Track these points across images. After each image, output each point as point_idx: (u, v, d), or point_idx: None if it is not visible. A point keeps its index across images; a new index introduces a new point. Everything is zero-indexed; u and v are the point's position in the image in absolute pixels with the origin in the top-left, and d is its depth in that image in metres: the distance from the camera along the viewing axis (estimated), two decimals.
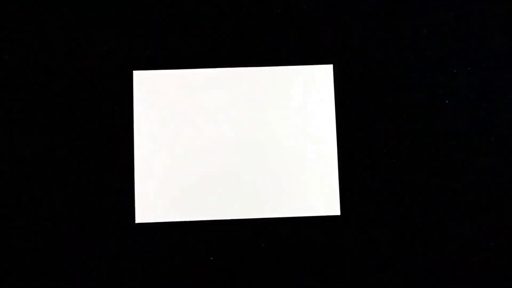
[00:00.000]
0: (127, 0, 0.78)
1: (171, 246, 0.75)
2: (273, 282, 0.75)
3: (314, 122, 0.77)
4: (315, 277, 0.75)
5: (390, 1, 0.79)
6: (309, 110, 0.77)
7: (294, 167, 0.76)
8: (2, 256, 0.75)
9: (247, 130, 0.77)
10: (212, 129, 0.76)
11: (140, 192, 0.76)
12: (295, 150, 0.76)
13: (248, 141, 0.76)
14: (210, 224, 0.76)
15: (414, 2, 0.79)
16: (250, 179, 0.76)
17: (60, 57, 0.77)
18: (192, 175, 0.76)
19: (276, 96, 0.77)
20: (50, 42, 0.77)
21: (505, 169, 0.77)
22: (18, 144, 0.76)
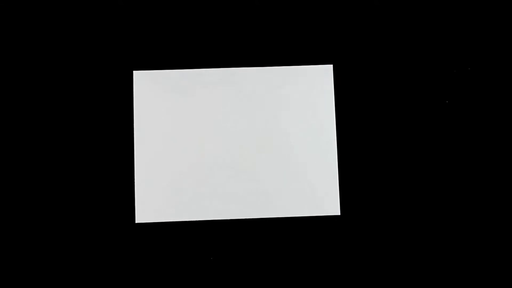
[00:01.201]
0: (127, 0, 0.78)
1: (171, 246, 0.75)
2: (273, 282, 0.75)
3: (314, 122, 0.77)
4: (315, 277, 0.75)
5: (391, 1, 0.79)
6: (309, 110, 0.77)
7: (294, 167, 0.76)
8: (2, 256, 0.75)
9: (247, 130, 0.76)
10: (211, 130, 0.76)
11: (140, 192, 0.76)
12: (295, 150, 0.76)
13: (248, 142, 0.76)
14: (210, 224, 0.76)
15: (414, 2, 0.79)
16: (250, 179, 0.76)
17: (60, 57, 0.77)
18: (192, 175, 0.76)
19: (276, 96, 0.77)
20: (50, 42, 0.77)
21: (506, 169, 0.77)
22: (18, 144, 0.76)
